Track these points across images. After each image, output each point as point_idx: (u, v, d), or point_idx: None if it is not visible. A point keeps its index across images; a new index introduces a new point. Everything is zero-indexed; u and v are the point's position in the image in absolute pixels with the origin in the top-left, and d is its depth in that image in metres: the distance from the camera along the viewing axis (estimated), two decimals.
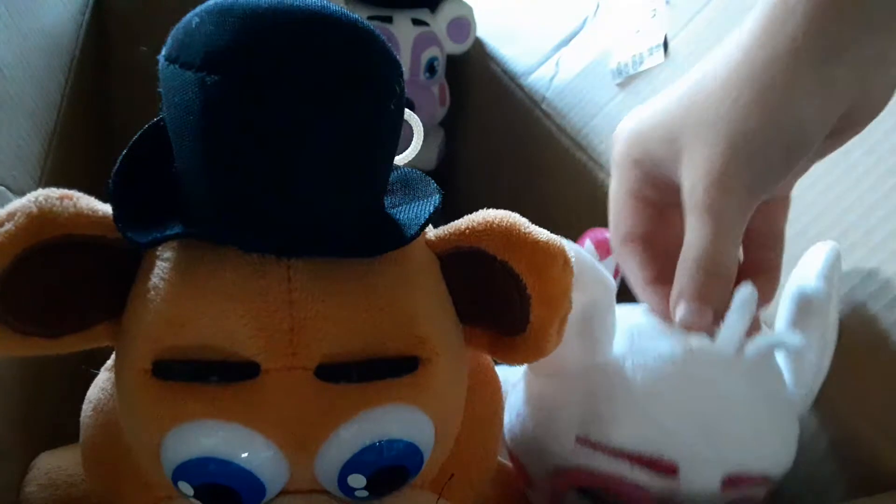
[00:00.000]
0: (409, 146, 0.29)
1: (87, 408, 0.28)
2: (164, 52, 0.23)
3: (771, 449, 0.31)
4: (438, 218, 0.26)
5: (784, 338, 0.31)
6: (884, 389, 0.34)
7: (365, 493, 0.24)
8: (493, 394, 0.31)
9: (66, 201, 0.23)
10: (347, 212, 0.23)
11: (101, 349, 0.26)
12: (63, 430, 0.28)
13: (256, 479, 0.23)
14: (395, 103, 0.23)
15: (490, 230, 0.24)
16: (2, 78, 0.39)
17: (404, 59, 0.65)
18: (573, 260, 0.25)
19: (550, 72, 0.62)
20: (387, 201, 0.26)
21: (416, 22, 0.67)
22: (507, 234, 0.24)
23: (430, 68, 0.68)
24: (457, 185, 0.77)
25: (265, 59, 0.21)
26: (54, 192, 0.23)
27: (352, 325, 0.23)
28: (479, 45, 0.72)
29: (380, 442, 0.23)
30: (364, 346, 0.23)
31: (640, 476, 0.30)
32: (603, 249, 0.45)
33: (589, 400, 0.31)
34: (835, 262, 0.34)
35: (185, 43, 0.22)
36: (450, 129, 0.75)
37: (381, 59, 0.23)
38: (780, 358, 0.34)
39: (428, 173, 0.82)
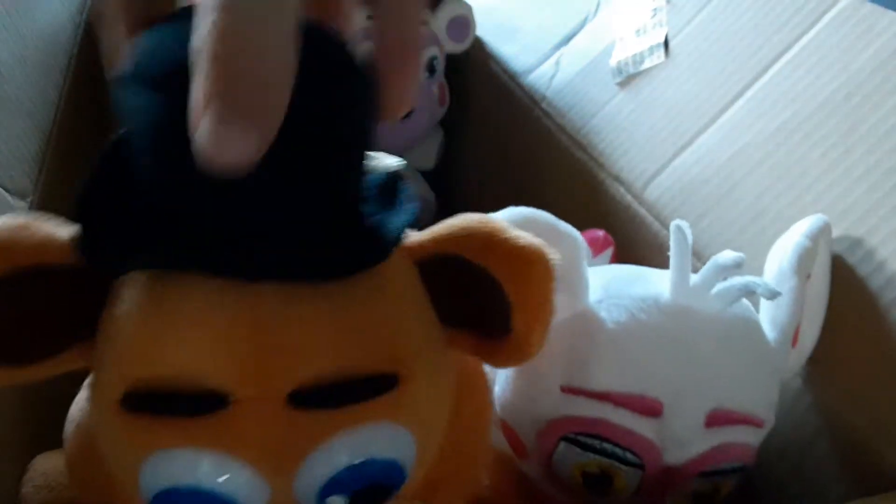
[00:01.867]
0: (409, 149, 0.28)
1: (68, 427, 0.28)
2: (126, 71, 0.22)
3: (751, 386, 0.32)
4: (431, 219, 0.25)
5: (755, 281, 0.31)
6: (884, 390, 0.34)
7: None
8: (480, 397, 0.31)
9: (24, 231, 0.22)
10: (315, 231, 0.22)
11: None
12: (61, 432, 0.28)
13: (235, 503, 0.22)
14: (358, 112, 0.22)
15: (469, 236, 0.23)
16: (0, 77, 0.39)
17: None
18: (536, 222, 0.24)
19: (550, 71, 0.62)
20: (363, 209, 0.25)
21: None
22: (486, 240, 0.23)
23: (430, 67, 0.67)
24: (456, 184, 0.77)
25: None
26: (12, 223, 0.22)
27: (324, 350, 0.22)
28: (478, 44, 0.72)
29: (359, 462, 0.23)
30: (339, 369, 0.22)
31: (626, 418, 0.31)
32: (596, 246, 0.45)
33: (570, 348, 0.32)
34: (822, 227, 0.35)
35: (143, 61, 0.21)
36: (449, 128, 0.75)
37: (340, 66, 0.22)
38: (763, 318, 0.35)
39: (427, 172, 0.82)
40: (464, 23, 0.70)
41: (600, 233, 0.47)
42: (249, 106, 0.18)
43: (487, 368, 0.31)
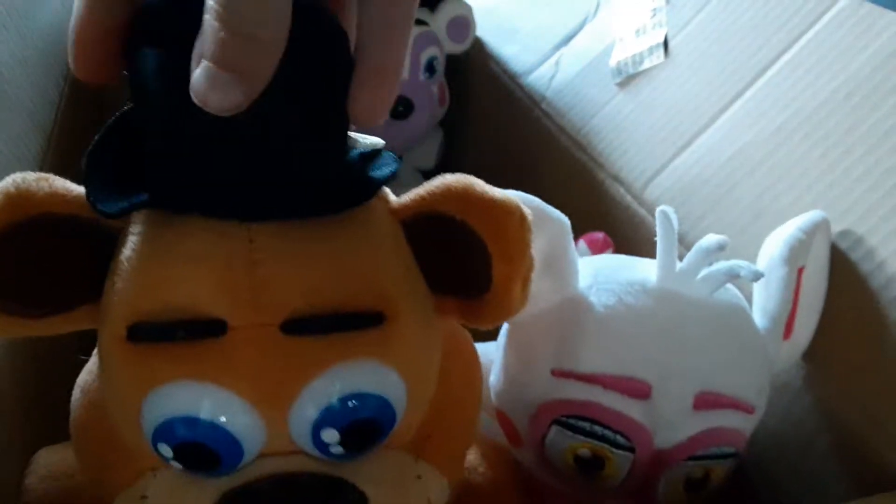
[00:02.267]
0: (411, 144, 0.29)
1: (76, 392, 0.29)
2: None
3: (738, 370, 0.32)
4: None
5: (739, 265, 0.32)
6: (884, 389, 0.34)
7: (340, 450, 0.25)
8: (468, 360, 0.31)
9: (41, 182, 0.23)
10: (306, 170, 0.24)
11: (93, 342, 0.26)
12: (64, 425, 0.28)
13: (233, 438, 0.24)
14: (340, 54, 0.24)
15: (447, 192, 0.25)
16: (0, 78, 0.39)
17: None
18: (527, 205, 0.25)
19: (550, 71, 0.62)
20: (350, 160, 0.27)
21: (416, 21, 0.66)
22: (464, 195, 0.24)
23: (430, 68, 0.67)
24: None
25: None
26: (31, 175, 0.23)
27: (315, 284, 0.24)
28: (478, 44, 0.72)
29: (351, 395, 0.24)
30: (328, 303, 0.24)
31: (616, 400, 0.31)
32: (595, 248, 0.46)
33: (560, 332, 0.33)
34: (818, 222, 0.36)
35: (143, 21, 0.22)
36: (449, 128, 0.75)
37: (323, 14, 0.23)
38: (754, 307, 0.35)
39: (427, 172, 0.82)
40: (464, 23, 0.70)
41: (600, 235, 0.47)
42: (237, 67, 0.20)
43: (483, 359, 0.32)
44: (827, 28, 0.43)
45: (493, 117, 0.71)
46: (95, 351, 0.28)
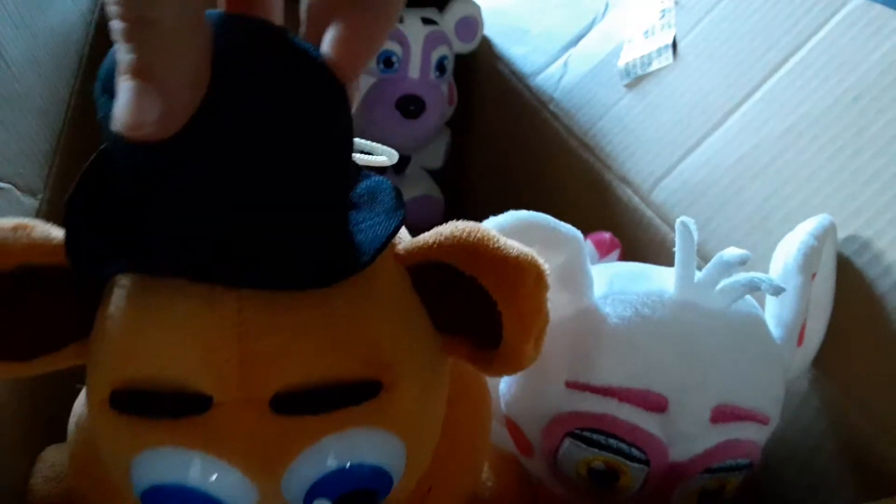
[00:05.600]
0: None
1: (71, 422, 0.28)
2: (97, 85, 0.22)
3: (756, 383, 0.32)
4: (439, 218, 0.25)
5: (759, 277, 0.31)
6: (891, 393, 0.34)
7: None
8: (476, 402, 0.30)
9: (19, 231, 0.22)
10: (298, 239, 0.22)
11: None
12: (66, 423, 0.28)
13: None
14: (336, 118, 0.22)
15: (457, 245, 0.23)
16: (11, 76, 0.39)
17: (415, 59, 0.65)
18: (537, 226, 0.23)
19: (558, 72, 0.62)
20: (351, 217, 0.25)
21: (426, 21, 0.67)
22: (475, 250, 0.23)
23: (440, 67, 0.68)
24: (463, 184, 0.77)
25: None
26: (7, 224, 0.22)
27: (307, 357, 0.22)
28: (486, 44, 0.72)
29: (345, 466, 0.23)
30: (321, 376, 0.22)
31: (632, 414, 0.31)
32: (602, 248, 0.45)
33: (575, 343, 0.32)
34: (828, 227, 0.35)
35: (112, 74, 0.21)
36: (457, 128, 0.75)
37: (321, 72, 0.22)
38: (768, 316, 0.35)
39: (434, 172, 0.81)
40: (472, 23, 0.70)
41: (607, 235, 0.47)
42: (143, 62, 0.19)
43: None
44: (836, 30, 0.43)
45: (500, 118, 0.71)
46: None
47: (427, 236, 0.24)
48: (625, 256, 0.46)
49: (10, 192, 0.36)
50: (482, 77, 0.74)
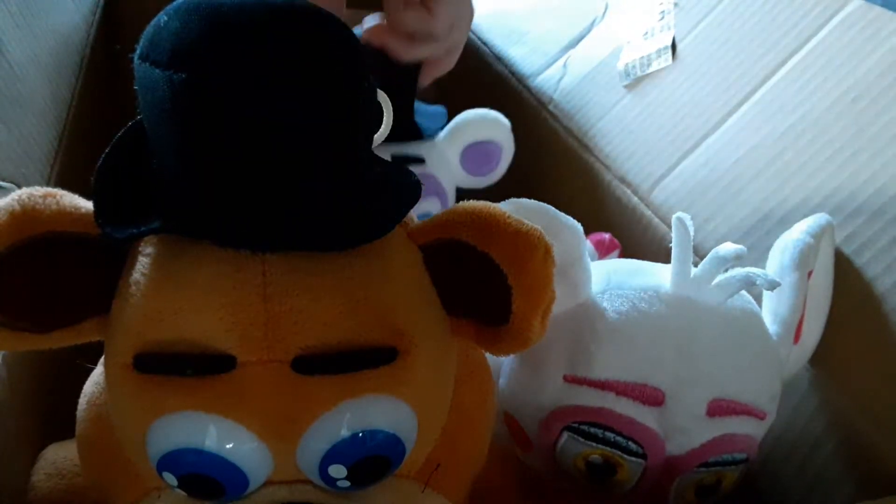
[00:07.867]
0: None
1: (81, 402, 0.28)
2: (137, 50, 0.23)
3: (752, 377, 0.32)
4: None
5: (755, 273, 0.32)
6: (890, 392, 0.34)
7: (347, 484, 0.24)
8: (482, 384, 0.31)
9: (48, 199, 0.23)
10: (323, 204, 0.23)
11: (99, 344, 0.26)
12: (72, 422, 0.28)
13: (239, 470, 0.23)
14: (364, 91, 0.23)
15: (469, 221, 0.24)
16: (13, 77, 0.40)
17: None
18: (538, 214, 0.24)
19: (558, 73, 0.62)
20: (369, 191, 0.26)
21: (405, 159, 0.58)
22: (487, 225, 0.24)
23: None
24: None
25: (230, 55, 0.21)
26: (38, 191, 0.23)
27: (327, 319, 0.23)
28: (486, 46, 0.73)
29: (360, 432, 0.23)
30: (340, 339, 0.23)
31: (629, 407, 0.31)
32: (602, 249, 0.46)
33: (573, 338, 0.32)
34: (825, 226, 0.36)
35: (154, 41, 0.22)
36: None
37: (347, 49, 0.23)
38: (765, 312, 0.35)
39: None
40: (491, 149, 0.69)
41: (606, 235, 0.47)
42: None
43: (492, 362, 0.32)
44: (835, 32, 0.43)
45: None
46: (102, 361, 0.28)
47: (439, 214, 0.25)
48: (624, 257, 0.46)
49: (13, 192, 0.36)
50: (482, 78, 0.74)
